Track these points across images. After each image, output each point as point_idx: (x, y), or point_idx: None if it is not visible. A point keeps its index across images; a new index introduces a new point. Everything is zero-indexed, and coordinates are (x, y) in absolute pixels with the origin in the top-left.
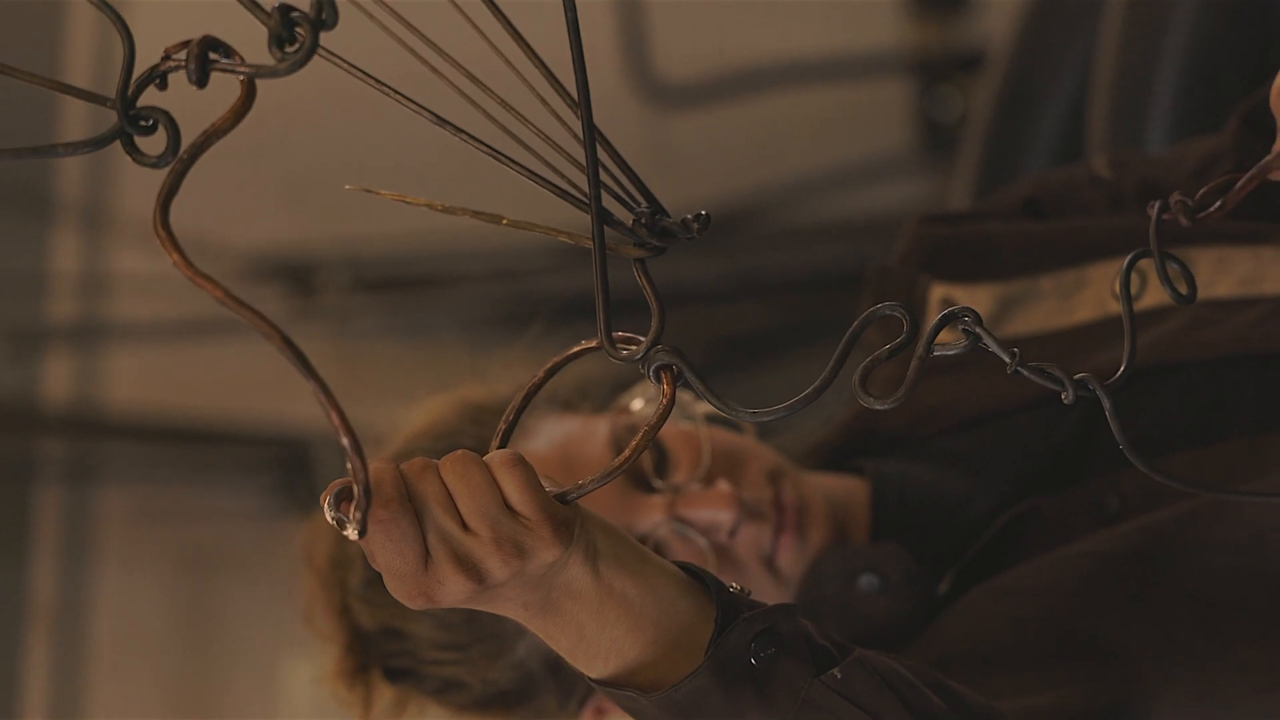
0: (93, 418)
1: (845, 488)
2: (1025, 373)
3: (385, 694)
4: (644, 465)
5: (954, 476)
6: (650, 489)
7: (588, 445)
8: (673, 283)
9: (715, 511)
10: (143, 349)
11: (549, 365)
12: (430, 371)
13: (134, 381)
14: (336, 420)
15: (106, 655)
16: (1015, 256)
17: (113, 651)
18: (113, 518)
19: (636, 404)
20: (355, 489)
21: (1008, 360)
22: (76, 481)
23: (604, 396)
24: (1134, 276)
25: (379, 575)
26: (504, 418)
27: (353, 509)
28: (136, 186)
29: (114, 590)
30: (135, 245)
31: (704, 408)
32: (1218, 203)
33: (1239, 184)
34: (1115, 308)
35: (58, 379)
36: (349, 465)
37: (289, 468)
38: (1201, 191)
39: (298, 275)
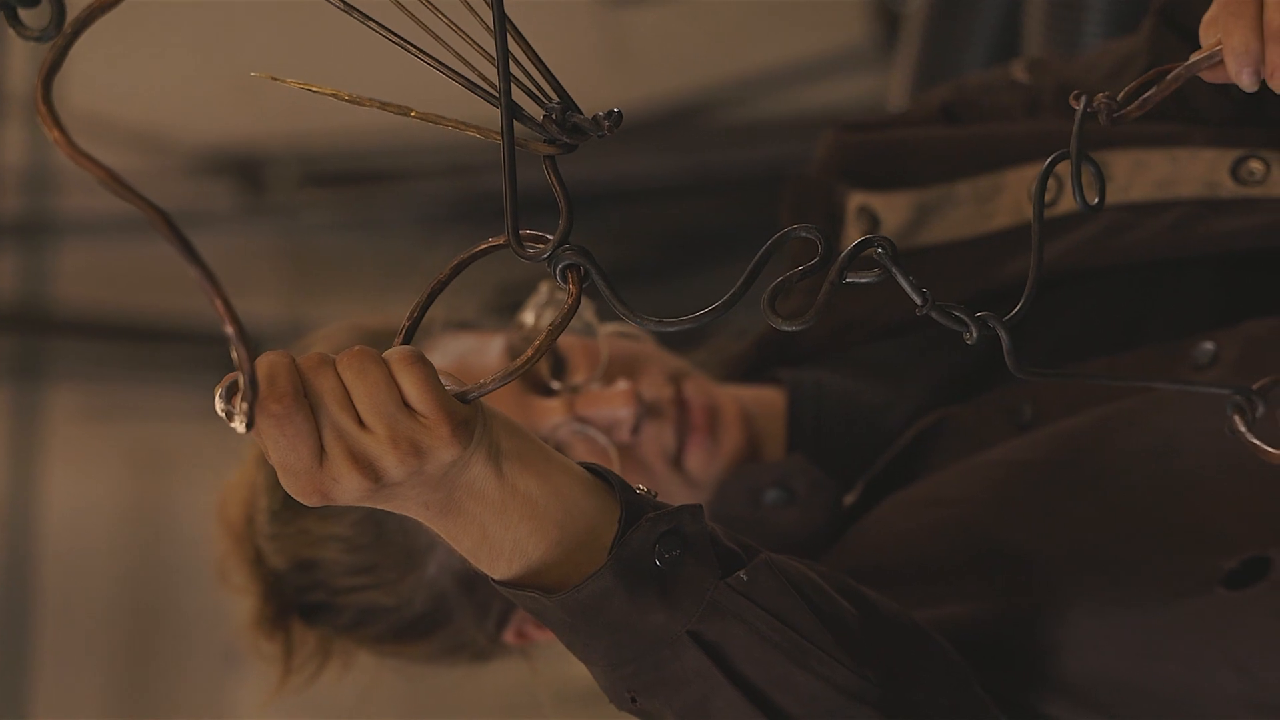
0: (41, 314)
1: (761, 398)
2: (934, 315)
3: (307, 641)
4: (541, 369)
5: (872, 385)
6: (549, 392)
7: (484, 358)
8: (626, 179)
9: (614, 409)
10: (92, 244)
11: (455, 262)
12: (382, 267)
13: (83, 278)
14: (221, 308)
15: (55, 553)
16: (932, 163)
17: (61, 549)
18: (61, 415)
19: (529, 317)
20: (241, 380)
21: (919, 302)
22: (25, 378)
23: (500, 318)
24: (1049, 183)
25: (282, 506)
26: (408, 314)
27: (239, 400)
28: (82, 80)
29: (63, 488)
30: (83, 139)
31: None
32: (1139, 100)
33: (1164, 83)
34: (1031, 213)
35: (4, 275)
36: (234, 356)
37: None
38: (1124, 91)
39: (247, 171)
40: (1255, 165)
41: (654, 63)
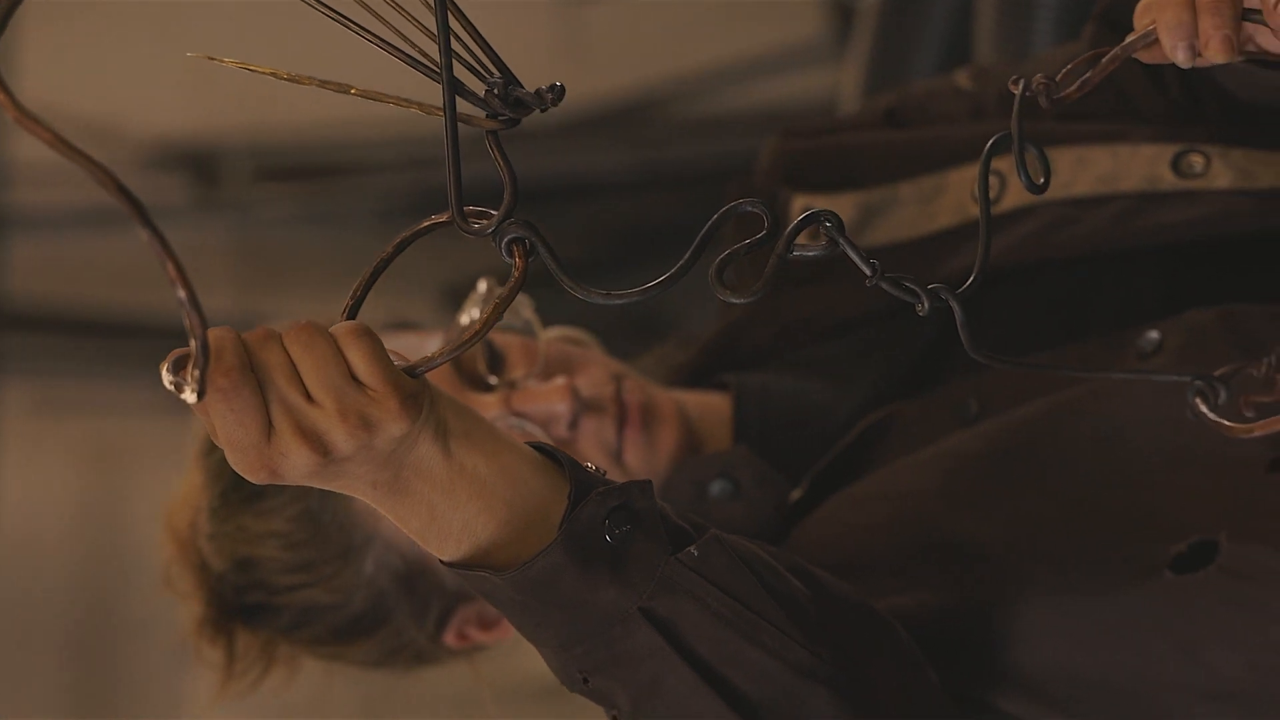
0: None
1: (706, 403)
2: (884, 285)
3: (250, 646)
4: (479, 364)
5: (817, 385)
6: (486, 387)
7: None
8: (582, 174)
9: (551, 403)
10: (44, 239)
11: (398, 240)
12: (336, 262)
13: (35, 272)
14: (173, 272)
15: (6, 548)
16: (875, 165)
17: (13, 544)
18: (14, 410)
19: (465, 319)
20: (192, 344)
21: (868, 273)
22: None
23: (442, 319)
24: (992, 179)
25: (221, 503)
26: (351, 293)
27: (190, 368)
28: (34, 72)
29: (14, 483)
30: None
31: (553, 331)
32: (1078, 82)
33: (1101, 64)
34: (974, 211)
35: None
36: (187, 323)
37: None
38: (1063, 71)
39: (200, 165)
40: (1195, 159)
41: (610, 58)
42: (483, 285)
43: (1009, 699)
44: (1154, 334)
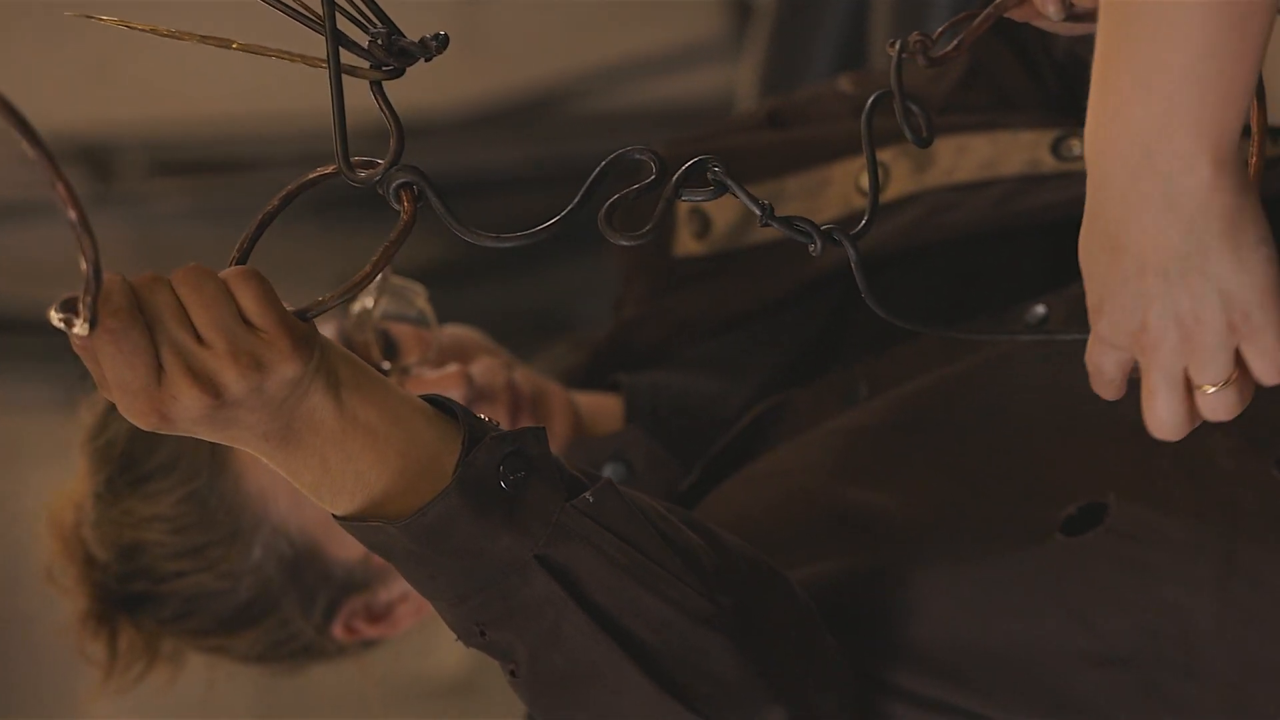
0: None
1: (598, 403)
2: (774, 224)
3: (134, 641)
4: (373, 350)
5: (707, 380)
6: (380, 373)
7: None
8: (479, 170)
9: (444, 389)
10: None
11: (284, 192)
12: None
13: None
14: (63, 192)
15: None
16: (760, 162)
17: None
18: None
19: (358, 306)
20: (83, 266)
21: (758, 212)
22: None
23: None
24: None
25: (105, 489)
26: (238, 244)
27: (82, 294)
28: None
29: None
30: None
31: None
32: (954, 42)
33: (975, 23)
34: (859, 201)
35: None
36: (81, 245)
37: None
38: (939, 30)
39: (95, 159)
40: (1074, 143)
41: (508, 54)
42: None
43: (905, 674)
44: (1040, 308)
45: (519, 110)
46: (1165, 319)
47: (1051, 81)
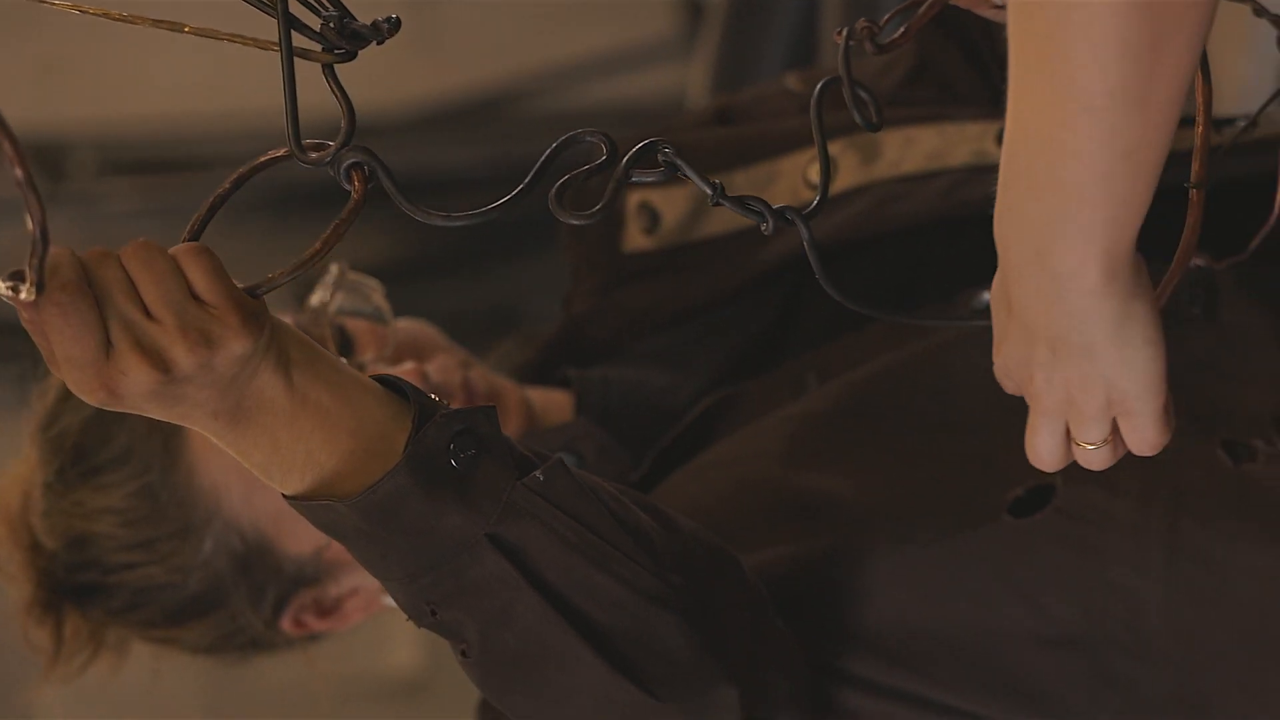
0: None
1: (549, 398)
2: (726, 204)
3: (79, 629)
4: (328, 346)
5: (657, 374)
6: None
7: None
8: (433, 168)
9: None
10: None
11: (235, 175)
12: None
13: None
14: (10, 150)
15: None
16: (708, 158)
17: None
18: None
19: (317, 298)
20: (30, 225)
21: (709, 192)
22: None
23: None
24: (816, 168)
25: (56, 479)
26: (189, 226)
27: (30, 257)
28: None
29: None
30: None
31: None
32: (901, 29)
33: (922, 10)
34: (807, 194)
35: None
36: (28, 205)
37: (36, 357)
38: (886, 17)
39: (46, 158)
40: None
41: (462, 54)
42: (334, 269)
43: (858, 660)
44: (986, 295)
45: (472, 110)
46: (1051, 383)
47: (996, 74)
